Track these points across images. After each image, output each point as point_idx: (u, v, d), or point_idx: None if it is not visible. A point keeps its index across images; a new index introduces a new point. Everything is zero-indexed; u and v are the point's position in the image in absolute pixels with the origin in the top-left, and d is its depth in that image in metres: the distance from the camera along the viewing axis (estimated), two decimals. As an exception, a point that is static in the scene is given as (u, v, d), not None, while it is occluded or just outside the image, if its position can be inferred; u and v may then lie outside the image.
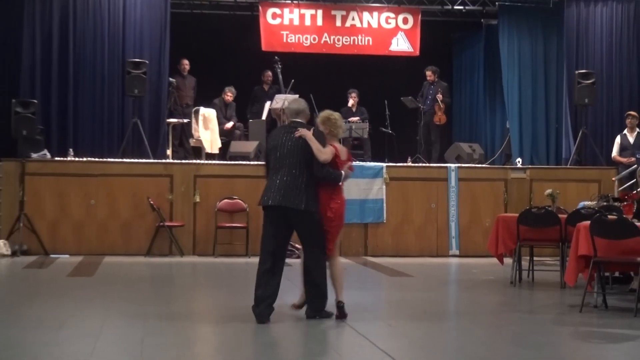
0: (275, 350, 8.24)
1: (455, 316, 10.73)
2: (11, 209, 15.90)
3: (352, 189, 16.30)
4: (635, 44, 19.45)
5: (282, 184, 9.15)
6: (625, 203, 13.10)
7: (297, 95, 18.09)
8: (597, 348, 8.60)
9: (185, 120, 18.24)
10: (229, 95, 18.83)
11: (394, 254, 16.60)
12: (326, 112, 9.66)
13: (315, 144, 9.12)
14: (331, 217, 9.29)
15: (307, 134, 9.19)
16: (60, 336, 8.38)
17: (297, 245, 11.66)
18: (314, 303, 9.35)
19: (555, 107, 19.59)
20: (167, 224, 16.10)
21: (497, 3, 19.79)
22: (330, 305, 9.34)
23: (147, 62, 17.41)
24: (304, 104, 9.70)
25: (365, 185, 16.68)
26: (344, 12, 19.88)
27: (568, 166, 18.29)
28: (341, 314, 9.26)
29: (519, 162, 18.15)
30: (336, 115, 9.69)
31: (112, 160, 16.76)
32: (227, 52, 20.14)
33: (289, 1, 19.61)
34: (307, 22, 19.80)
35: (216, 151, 17.99)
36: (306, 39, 19.80)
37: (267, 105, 18.68)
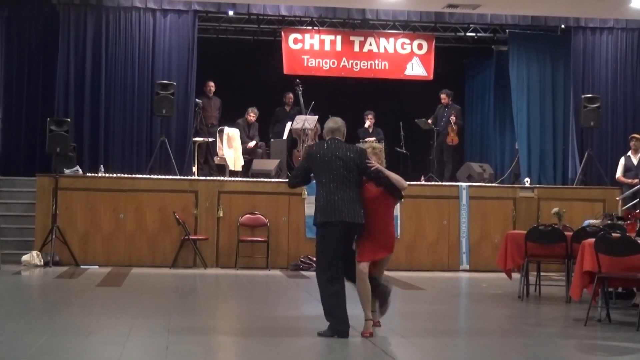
0: None
1: (466, 328, 10.68)
2: (44, 222, 15.95)
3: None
4: (638, 70, 19.40)
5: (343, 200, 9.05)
6: (628, 222, 13.02)
7: (316, 117, 18.22)
8: (600, 360, 8.55)
9: (210, 139, 18.26)
10: (252, 115, 18.86)
11: (408, 268, 16.53)
12: (371, 144, 9.68)
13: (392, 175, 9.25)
14: None
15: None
16: (88, 343, 8.39)
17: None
18: None
19: (562, 130, 19.53)
20: (191, 237, 16.11)
21: (507, 30, 19.76)
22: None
23: (174, 83, 17.48)
24: (339, 122, 9.42)
25: (381, 203, 16.61)
26: (361, 38, 19.88)
27: (574, 186, 18.21)
28: None
29: (527, 181, 18.08)
30: (379, 145, 9.75)
31: (140, 176, 16.80)
32: (250, 75, 20.16)
33: (310, 27, 19.64)
34: (327, 47, 19.80)
35: (239, 169, 17.99)
36: (326, 63, 19.80)
37: (288, 125, 18.71)
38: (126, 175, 16.83)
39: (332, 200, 8.96)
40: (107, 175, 16.71)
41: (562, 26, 19.50)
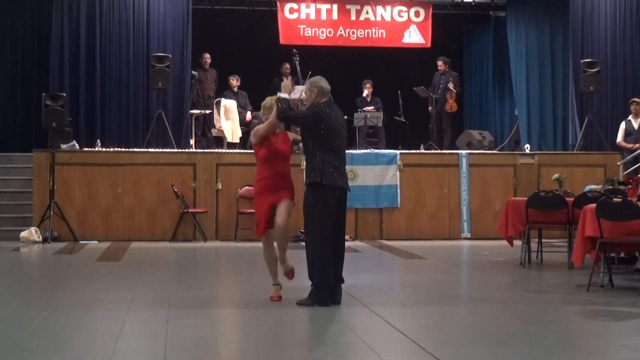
0: (294, 330, 8.21)
1: (467, 296, 10.68)
2: (42, 198, 15.95)
3: (368, 175, 16.48)
4: (638, 33, 19.31)
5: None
6: (629, 186, 13.03)
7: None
8: (603, 325, 8.53)
9: (207, 111, 18.21)
10: (233, 80, 18.69)
11: (408, 237, 16.57)
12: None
13: None
14: None
15: None
16: (89, 318, 8.39)
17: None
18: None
19: (562, 95, 19.47)
20: (190, 210, 16.12)
21: (504, -5, 19.72)
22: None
23: (170, 56, 17.44)
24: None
25: (380, 172, 16.66)
26: (358, 7, 19.81)
27: (574, 151, 18.19)
28: None
29: (527, 148, 18.06)
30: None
31: (137, 150, 16.79)
32: (246, 45, 20.09)
33: (306, -4, 19.58)
34: (323, 16, 19.74)
35: (237, 140, 17.96)
36: (322, 32, 19.74)
37: (286, 96, 18.61)
38: (123, 149, 16.81)
39: (336, 164, 9.07)
40: (104, 149, 16.69)
41: (560, -10, 19.45)
